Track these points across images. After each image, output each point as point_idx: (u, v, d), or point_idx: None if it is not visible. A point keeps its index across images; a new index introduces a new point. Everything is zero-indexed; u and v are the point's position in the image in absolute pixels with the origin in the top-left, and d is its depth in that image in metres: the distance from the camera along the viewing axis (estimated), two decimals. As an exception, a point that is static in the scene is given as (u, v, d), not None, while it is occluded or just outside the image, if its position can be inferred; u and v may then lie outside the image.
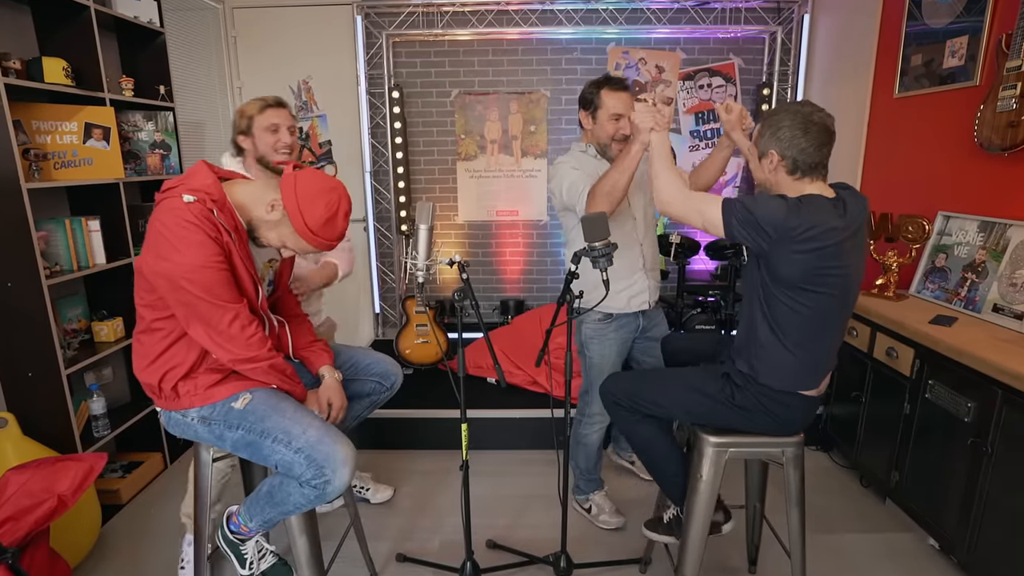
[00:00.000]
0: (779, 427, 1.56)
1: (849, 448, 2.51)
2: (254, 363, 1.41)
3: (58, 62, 2.15)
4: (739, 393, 1.54)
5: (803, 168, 1.45)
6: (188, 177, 1.37)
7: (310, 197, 1.34)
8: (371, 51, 3.54)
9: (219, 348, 1.37)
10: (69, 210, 2.43)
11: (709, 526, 1.62)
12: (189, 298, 1.31)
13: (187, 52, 3.13)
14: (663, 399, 1.65)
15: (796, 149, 1.43)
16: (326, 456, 1.35)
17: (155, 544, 2.17)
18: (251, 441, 1.40)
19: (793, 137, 1.42)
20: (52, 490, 1.64)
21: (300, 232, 1.36)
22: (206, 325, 1.35)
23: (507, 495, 2.45)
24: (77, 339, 2.37)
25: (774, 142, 1.44)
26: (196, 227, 1.29)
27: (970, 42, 2.31)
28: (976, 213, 2.27)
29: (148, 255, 1.32)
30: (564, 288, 1.67)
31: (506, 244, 3.89)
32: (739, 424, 1.57)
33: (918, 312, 2.20)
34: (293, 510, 1.43)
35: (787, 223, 1.34)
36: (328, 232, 1.37)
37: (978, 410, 1.79)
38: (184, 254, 1.28)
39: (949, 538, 1.93)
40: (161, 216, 1.31)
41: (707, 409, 1.58)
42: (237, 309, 1.36)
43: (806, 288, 1.39)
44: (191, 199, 1.31)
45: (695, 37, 3.56)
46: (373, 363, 1.76)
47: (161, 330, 1.41)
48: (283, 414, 1.40)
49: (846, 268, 1.39)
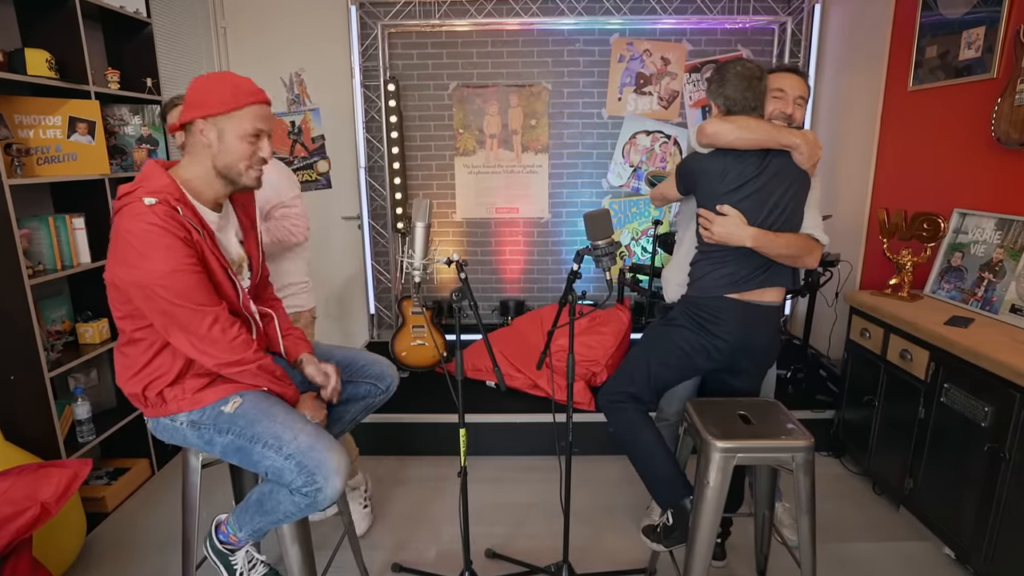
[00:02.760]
0: (717, 328, 1.74)
1: (862, 454, 2.51)
2: (241, 366, 1.41)
3: (41, 54, 2.15)
4: (670, 314, 1.85)
5: (736, 112, 1.74)
6: (144, 179, 1.37)
7: (205, 92, 1.38)
8: (366, 42, 3.54)
9: (202, 354, 1.37)
10: (53, 207, 2.43)
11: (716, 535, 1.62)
12: (165, 305, 1.31)
13: (175, 43, 3.13)
14: (635, 367, 1.85)
15: (723, 98, 1.76)
16: (318, 463, 1.35)
17: (142, 554, 2.17)
18: (241, 446, 1.39)
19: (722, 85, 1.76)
20: (35, 498, 1.64)
21: (229, 112, 1.38)
22: (186, 332, 1.34)
23: (507, 503, 2.45)
24: (61, 341, 2.37)
25: (714, 95, 1.79)
26: (164, 230, 1.29)
27: (987, 33, 2.31)
28: (993, 210, 2.27)
29: (117, 266, 1.32)
30: (566, 288, 1.67)
31: (506, 243, 3.89)
32: (690, 349, 1.77)
33: (933, 313, 2.20)
34: (284, 519, 1.43)
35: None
36: (245, 91, 1.40)
37: (995, 414, 1.79)
38: (154, 260, 1.28)
39: (965, 547, 1.93)
40: (125, 224, 1.30)
41: (657, 345, 1.83)
42: (216, 312, 1.36)
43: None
44: (153, 201, 1.30)
45: (702, 28, 3.56)
46: (368, 364, 1.76)
47: (144, 340, 1.41)
48: (274, 419, 1.40)
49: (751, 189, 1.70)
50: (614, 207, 3.81)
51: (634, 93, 3.66)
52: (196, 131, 1.40)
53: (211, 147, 1.40)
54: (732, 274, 1.73)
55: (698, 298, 1.79)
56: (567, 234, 3.86)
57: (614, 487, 2.55)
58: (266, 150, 1.46)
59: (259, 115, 1.42)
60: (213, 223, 1.45)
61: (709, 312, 1.75)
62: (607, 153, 3.75)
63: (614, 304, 3.37)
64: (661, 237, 3.25)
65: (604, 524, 2.32)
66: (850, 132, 3.22)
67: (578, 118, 3.71)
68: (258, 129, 1.42)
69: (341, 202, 3.79)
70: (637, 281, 3.35)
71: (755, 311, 1.75)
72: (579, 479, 2.53)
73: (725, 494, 1.58)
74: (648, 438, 1.77)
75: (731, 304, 1.74)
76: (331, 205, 3.78)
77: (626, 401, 1.80)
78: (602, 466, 2.70)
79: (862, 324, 2.47)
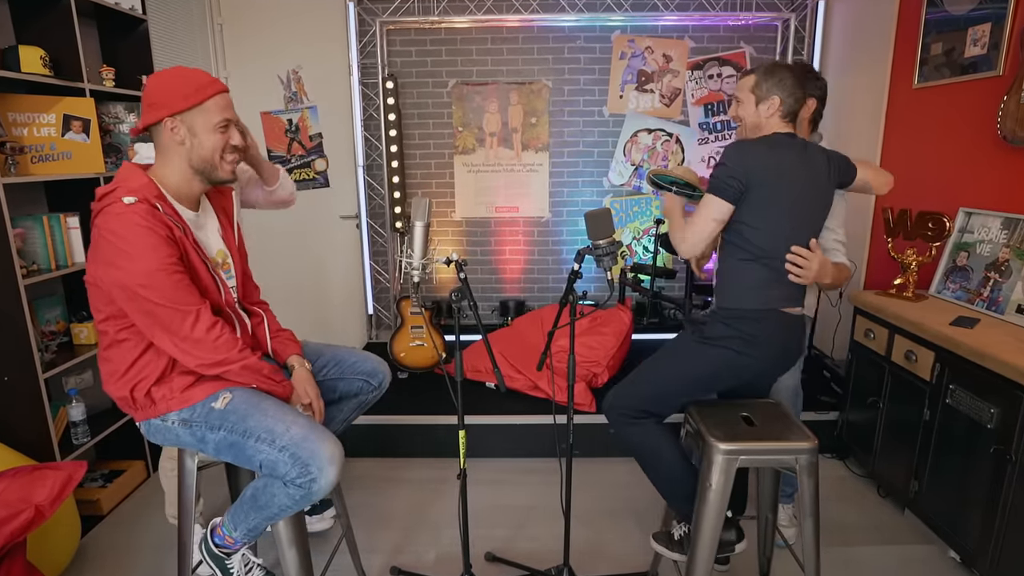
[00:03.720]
0: (760, 351, 1.66)
1: (866, 456, 2.51)
2: (224, 366, 1.42)
3: (35, 51, 2.15)
4: (707, 328, 1.71)
5: (792, 112, 1.73)
6: (122, 180, 1.38)
7: (165, 90, 1.39)
8: (364, 39, 3.54)
9: (185, 354, 1.38)
10: (47, 206, 2.43)
11: (719, 540, 1.62)
12: (148, 306, 1.32)
13: (171, 40, 3.13)
14: (658, 387, 1.76)
15: (794, 98, 1.72)
16: (311, 453, 1.36)
17: (137, 557, 2.17)
18: (234, 442, 1.40)
19: (794, 87, 1.71)
20: (29, 500, 1.64)
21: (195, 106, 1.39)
22: (168, 332, 1.35)
23: (507, 505, 2.45)
24: (55, 342, 2.37)
25: (778, 89, 1.70)
26: (147, 229, 1.30)
27: (993, 30, 2.31)
28: (999, 209, 2.26)
29: (99, 266, 1.33)
30: (567, 288, 1.67)
31: (506, 242, 3.89)
32: (725, 370, 1.69)
33: (938, 313, 2.20)
34: (279, 513, 1.43)
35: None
36: (205, 83, 1.42)
37: (1002, 416, 1.79)
38: (137, 260, 1.29)
39: (971, 551, 1.93)
40: (107, 223, 1.31)
41: (689, 365, 1.72)
42: (198, 310, 1.37)
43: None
44: (132, 200, 1.32)
45: (704, 24, 3.56)
46: (359, 361, 1.77)
47: (127, 340, 1.41)
48: (265, 413, 1.41)
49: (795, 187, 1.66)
50: (615, 206, 3.81)
51: (636, 91, 3.66)
52: (166, 130, 1.41)
53: (184, 143, 1.42)
54: (788, 286, 1.68)
55: (748, 312, 1.68)
56: (568, 233, 3.86)
57: (615, 489, 2.55)
58: (236, 138, 1.48)
59: (224, 104, 1.44)
60: (192, 221, 1.47)
61: (759, 331, 1.66)
62: (608, 151, 3.75)
63: (615, 304, 3.37)
64: (663, 236, 3.25)
65: (605, 527, 2.32)
66: (854, 130, 3.22)
67: (579, 116, 3.70)
68: (225, 119, 1.45)
69: (339, 201, 3.78)
70: (639, 281, 3.35)
71: (796, 323, 1.73)
72: (580, 481, 2.53)
73: (728, 497, 1.58)
74: (671, 454, 1.75)
75: (781, 320, 1.70)
76: (329, 204, 3.78)
77: (645, 418, 1.75)
78: (603, 468, 2.70)
79: (866, 325, 2.47)
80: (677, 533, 1.83)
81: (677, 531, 1.83)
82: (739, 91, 1.78)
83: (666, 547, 1.83)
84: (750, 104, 1.75)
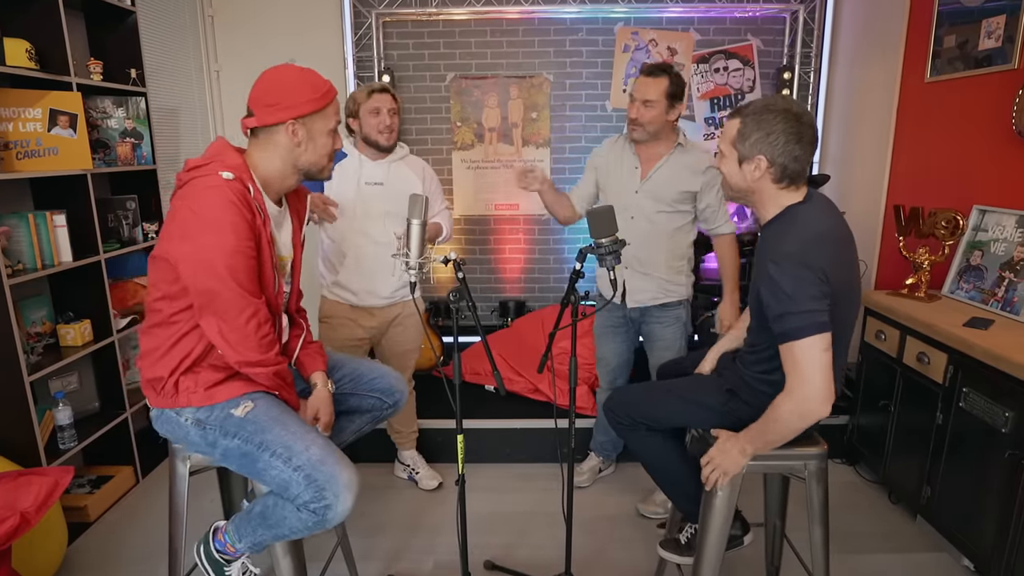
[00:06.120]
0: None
1: (877, 461, 2.51)
2: (261, 367, 1.42)
3: (21, 44, 2.15)
4: (746, 409, 1.55)
5: (791, 176, 1.40)
6: (217, 154, 1.39)
7: (288, 92, 1.44)
8: (360, 31, 3.54)
9: (228, 346, 1.38)
10: (33, 204, 2.43)
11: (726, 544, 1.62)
12: (213, 284, 1.32)
13: (160, 33, 3.13)
14: (661, 414, 1.71)
15: (789, 157, 1.37)
16: (328, 478, 1.33)
17: (126, 565, 2.17)
18: (247, 452, 1.39)
19: (787, 142, 1.36)
20: (14, 507, 1.64)
21: (318, 111, 1.44)
22: (221, 318, 1.35)
23: (506, 512, 2.45)
24: (41, 343, 2.37)
25: (765, 146, 1.38)
26: (235, 207, 1.31)
27: (1008, 22, 2.31)
28: (1015, 207, 2.26)
29: (174, 240, 1.33)
30: (568, 288, 1.67)
31: (506, 241, 3.89)
32: (734, 422, 1.60)
33: (951, 314, 2.20)
34: (288, 534, 1.43)
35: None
36: (326, 87, 1.49)
37: (1016, 420, 1.79)
38: (219, 236, 1.29)
39: (985, 558, 1.93)
40: (196, 194, 1.31)
41: (708, 422, 1.62)
42: (257, 305, 1.38)
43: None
44: (230, 176, 1.32)
45: (710, 16, 3.56)
46: (377, 377, 1.77)
47: (178, 323, 1.41)
48: (286, 427, 1.39)
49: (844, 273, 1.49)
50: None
51: (639, 85, 3.66)
52: (286, 132, 1.42)
53: (300, 146, 1.44)
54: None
55: None
56: (569, 232, 3.85)
57: (618, 495, 2.55)
58: (340, 141, 1.53)
59: (338, 108, 1.51)
60: (273, 216, 1.48)
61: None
62: (611, 147, 3.75)
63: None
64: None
65: (607, 533, 2.32)
66: (865, 125, 3.22)
67: (581, 111, 3.70)
68: (338, 122, 1.51)
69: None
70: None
71: None
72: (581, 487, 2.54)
73: (735, 504, 1.58)
74: (672, 458, 1.75)
75: None
76: (323, 201, 3.77)
77: (636, 428, 1.75)
78: (605, 473, 2.70)
79: (877, 326, 2.47)
80: (684, 537, 1.83)
81: (684, 535, 1.83)
82: (722, 140, 1.49)
83: (675, 553, 1.83)
84: (732, 161, 1.46)
